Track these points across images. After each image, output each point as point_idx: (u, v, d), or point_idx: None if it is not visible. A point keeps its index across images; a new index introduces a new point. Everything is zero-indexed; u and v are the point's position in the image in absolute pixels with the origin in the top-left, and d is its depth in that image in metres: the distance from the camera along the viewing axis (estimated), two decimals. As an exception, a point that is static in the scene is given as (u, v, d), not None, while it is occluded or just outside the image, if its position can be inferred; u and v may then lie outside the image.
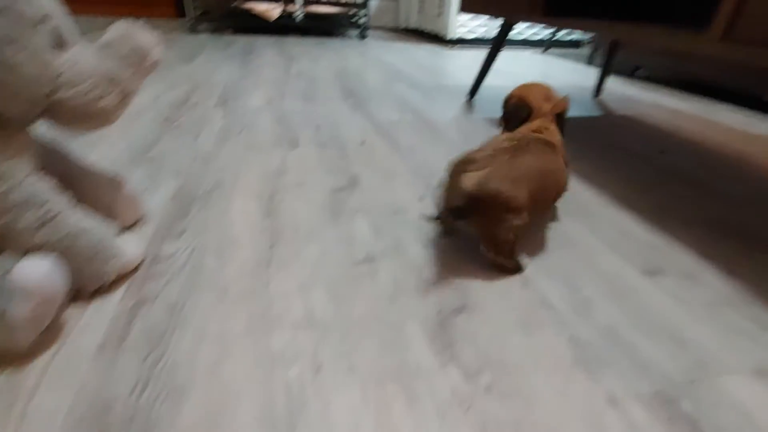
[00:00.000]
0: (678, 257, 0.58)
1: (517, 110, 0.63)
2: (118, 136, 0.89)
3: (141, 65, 0.48)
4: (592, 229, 0.64)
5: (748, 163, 0.95)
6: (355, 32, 3.00)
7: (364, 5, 2.61)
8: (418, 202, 0.69)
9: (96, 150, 0.81)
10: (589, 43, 2.95)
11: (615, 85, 1.74)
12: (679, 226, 0.66)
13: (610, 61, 1.40)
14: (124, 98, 0.47)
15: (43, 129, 0.78)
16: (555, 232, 0.62)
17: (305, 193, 0.70)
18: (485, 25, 2.58)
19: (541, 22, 0.89)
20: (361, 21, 2.68)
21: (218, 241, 0.56)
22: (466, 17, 2.52)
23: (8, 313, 0.35)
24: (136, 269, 0.50)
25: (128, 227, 0.57)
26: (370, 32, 3.13)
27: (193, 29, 2.47)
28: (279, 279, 0.50)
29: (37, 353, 0.38)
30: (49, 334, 0.40)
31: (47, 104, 0.42)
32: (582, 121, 1.19)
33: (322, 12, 2.55)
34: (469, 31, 2.57)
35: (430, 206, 0.67)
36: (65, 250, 0.42)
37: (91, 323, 0.42)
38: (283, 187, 0.71)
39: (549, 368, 0.40)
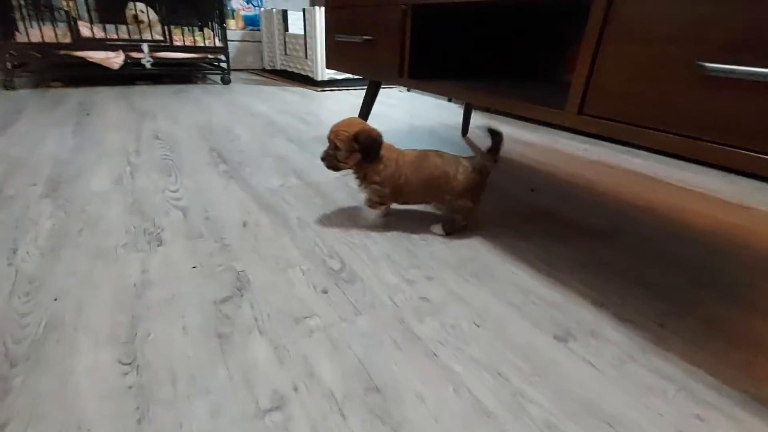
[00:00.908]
0: (578, 312, 0.61)
1: (374, 142, 0.75)
2: None
3: None
4: (496, 294, 0.64)
5: (598, 192, 1.10)
6: (216, 77, 2.80)
7: (223, 49, 2.46)
8: (323, 297, 0.61)
9: None
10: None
11: (477, 121, 1.92)
12: (568, 275, 0.70)
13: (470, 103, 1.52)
14: None
15: None
16: (464, 305, 0.61)
17: (179, 315, 0.56)
18: (352, 66, 2.65)
19: (409, 86, 0.91)
20: (223, 65, 2.52)
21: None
22: (332, 59, 2.55)
23: None
24: None
25: None
26: (233, 75, 2.96)
27: (8, 85, 2.02)
28: (156, 475, 0.37)
29: None
30: None
31: None
32: (459, 164, 1.26)
33: (174, 58, 2.32)
34: (338, 72, 2.60)
35: (339, 303, 0.60)
36: None
37: None
38: (148, 311, 0.56)
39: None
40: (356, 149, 0.75)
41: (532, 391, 0.47)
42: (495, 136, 0.76)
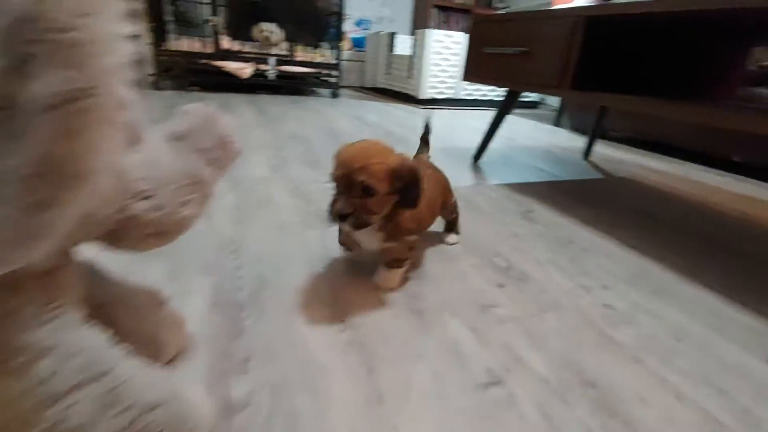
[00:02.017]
0: (790, 344, 0.55)
1: (417, 178, 0.49)
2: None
3: (223, 159, 0.38)
4: (686, 312, 0.60)
5: (759, 225, 0.99)
6: (325, 91, 3.01)
7: (336, 66, 2.64)
8: (500, 291, 0.61)
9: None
10: (540, 104, 3.20)
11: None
12: (759, 303, 0.64)
13: (599, 125, 1.48)
14: (205, 202, 0.36)
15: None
16: (655, 318, 0.57)
17: (371, 286, 0.59)
18: (453, 87, 2.71)
19: (569, 97, 0.91)
20: (333, 80, 2.70)
21: (300, 370, 0.44)
22: (436, 79, 2.63)
23: None
24: None
25: (171, 361, 0.43)
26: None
27: (156, 85, 2.33)
28: (404, 424, 0.38)
29: None
30: None
31: (115, 223, 0.30)
32: (591, 185, 1.22)
33: (294, 71, 2.54)
34: (439, 92, 2.67)
35: (519, 298, 0.60)
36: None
37: None
38: (341, 280, 0.61)
39: None
40: (395, 190, 0.49)
41: (764, 412, 0.43)
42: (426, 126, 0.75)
